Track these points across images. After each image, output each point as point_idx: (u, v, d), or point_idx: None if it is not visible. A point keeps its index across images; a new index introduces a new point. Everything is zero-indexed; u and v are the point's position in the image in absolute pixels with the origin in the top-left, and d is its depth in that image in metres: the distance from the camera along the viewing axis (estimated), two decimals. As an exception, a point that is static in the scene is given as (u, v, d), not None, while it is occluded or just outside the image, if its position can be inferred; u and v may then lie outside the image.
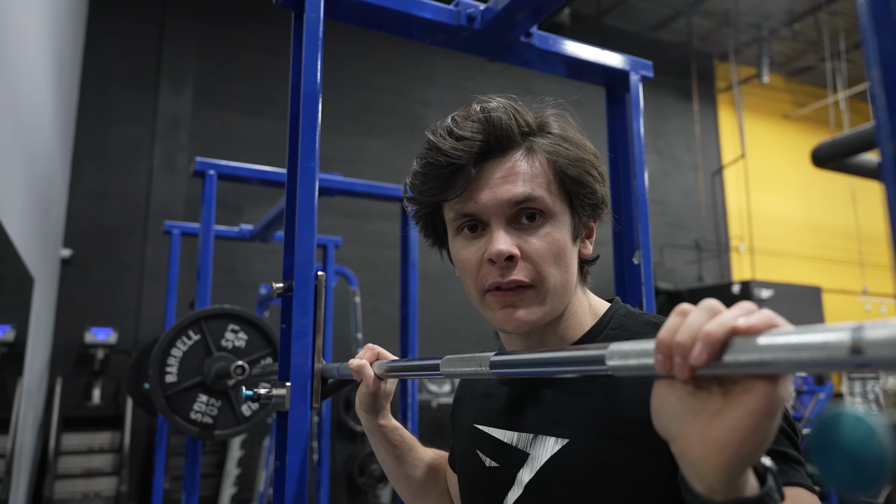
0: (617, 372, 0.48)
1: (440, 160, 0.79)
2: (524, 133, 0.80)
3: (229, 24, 7.12)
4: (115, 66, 6.52)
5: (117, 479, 5.58)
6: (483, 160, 0.79)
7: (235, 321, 2.08)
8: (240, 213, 6.36)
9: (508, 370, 0.62)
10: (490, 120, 0.78)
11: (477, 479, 0.89)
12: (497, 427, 0.87)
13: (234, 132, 6.88)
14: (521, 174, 0.78)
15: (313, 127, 1.13)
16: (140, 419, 5.80)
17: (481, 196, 0.78)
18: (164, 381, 1.98)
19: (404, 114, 7.87)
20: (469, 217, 0.79)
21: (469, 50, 1.41)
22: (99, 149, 6.33)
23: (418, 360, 0.81)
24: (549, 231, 0.78)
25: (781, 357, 0.37)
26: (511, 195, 0.77)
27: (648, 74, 1.52)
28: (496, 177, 0.78)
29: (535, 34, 1.38)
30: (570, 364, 0.54)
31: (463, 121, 0.80)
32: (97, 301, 6.08)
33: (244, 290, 6.20)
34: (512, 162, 0.79)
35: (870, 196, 11.18)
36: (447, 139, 0.79)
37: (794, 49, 10.09)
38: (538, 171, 0.78)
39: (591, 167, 0.82)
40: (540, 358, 0.57)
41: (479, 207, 0.78)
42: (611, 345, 0.49)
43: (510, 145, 0.79)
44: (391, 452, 1.07)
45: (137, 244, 6.32)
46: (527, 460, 0.80)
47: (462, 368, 0.68)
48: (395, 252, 7.23)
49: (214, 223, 2.51)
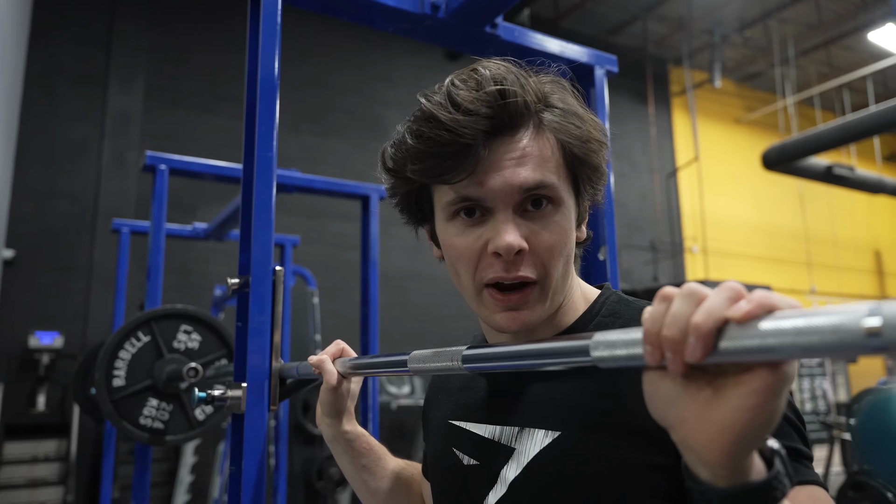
0: (602, 363, 0.45)
1: (442, 136, 0.67)
2: (533, 109, 0.71)
3: (183, 19, 6.94)
4: (62, 61, 6.27)
5: (63, 489, 5.36)
6: (491, 138, 0.69)
7: (188, 321, 2.00)
8: (193, 213, 6.19)
9: (483, 364, 0.58)
10: (504, 93, 0.68)
11: (453, 479, 0.81)
12: (476, 422, 0.81)
13: (188, 131, 6.70)
14: (532, 156, 0.69)
15: (271, 115, 1.08)
16: (87, 426, 5.59)
17: (489, 180, 0.68)
18: (111, 385, 1.89)
19: (363, 114, 7.80)
20: (469, 201, 0.70)
21: (433, 40, 1.38)
22: (44, 146, 6.09)
23: (384, 356, 0.76)
24: (557, 220, 0.70)
25: (787, 342, 0.34)
26: (523, 181, 0.68)
27: (613, 69, 1.51)
28: (505, 158, 0.68)
29: (501, 25, 1.35)
30: (551, 356, 0.50)
31: (469, 90, 0.69)
32: (42, 304, 5.84)
33: (198, 291, 6.03)
34: (522, 141, 0.69)
35: (817, 198, 11.54)
36: (451, 111, 0.67)
37: (745, 55, 10.34)
38: (549, 154, 0.70)
39: (599, 145, 0.74)
40: (517, 351, 0.54)
41: (486, 192, 0.69)
42: (595, 335, 0.46)
43: (521, 122, 0.70)
44: (356, 462, 0.97)
45: (85, 245, 6.10)
46: (512, 455, 0.74)
47: (432, 364, 0.64)
48: (354, 253, 7.14)
49: (166, 221, 2.41)
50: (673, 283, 9.85)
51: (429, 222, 0.80)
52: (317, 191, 2.63)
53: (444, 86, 0.71)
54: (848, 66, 10.25)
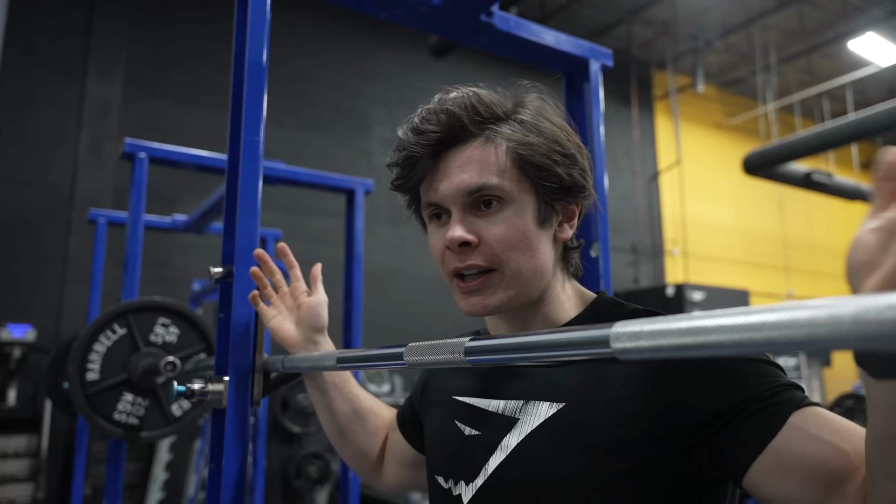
0: (624, 356, 0.42)
1: (403, 153, 0.83)
2: (482, 121, 0.81)
3: (165, 8, 6.81)
4: (40, 47, 6.13)
5: (33, 486, 5.24)
6: (442, 150, 0.81)
7: (166, 314, 1.94)
8: (172, 206, 6.08)
9: (489, 357, 0.55)
10: (445, 111, 0.81)
11: (452, 449, 0.87)
12: (481, 397, 0.87)
13: (168, 122, 6.58)
14: (475, 163, 0.79)
15: (259, 98, 1.03)
16: (59, 422, 5.46)
17: (440, 186, 0.81)
18: (84, 379, 1.83)
19: (348, 109, 7.72)
20: (433, 206, 0.83)
21: (426, 27, 1.34)
22: (19, 135, 5.94)
23: (378, 348, 0.73)
24: (508, 216, 0.79)
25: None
26: (465, 184, 0.79)
27: (608, 63, 1.49)
28: (452, 166, 0.80)
29: (497, 14, 1.32)
30: (565, 348, 0.46)
31: (426, 114, 0.83)
32: (14, 296, 5.70)
33: (176, 285, 5.93)
34: (469, 151, 0.80)
35: (796, 204, 11.68)
36: (409, 134, 0.82)
37: (728, 61, 10.42)
38: (493, 160, 0.79)
39: (555, 151, 0.81)
40: (526, 342, 0.50)
41: (439, 196, 0.81)
42: (616, 325, 0.42)
43: (466, 135, 0.81)
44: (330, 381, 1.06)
45: (60, 236, 5.96)
46: (515, 425, 0.79)
47: (431, 357, 0.61)
48: (334, 250, 7.07)
49: (145, 212, 2.35)
50: (653, 285, 9.92)
51: None
52: (301, 183, 2.58)
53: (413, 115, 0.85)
54: (828, 75, 10.38)
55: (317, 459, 5.79)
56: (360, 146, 7.71)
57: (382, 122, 7.90)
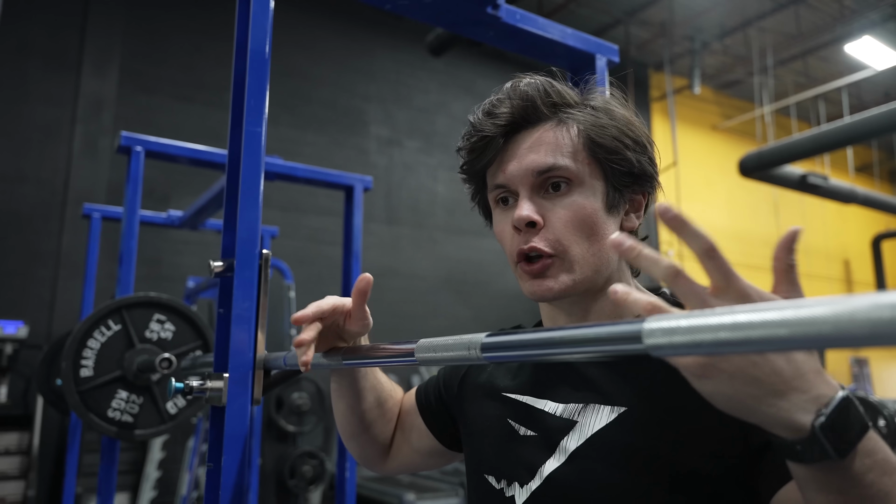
0: (657, 352, 0.40)
1: (474, 135, 0.82)
2: (553, 105, 0.81)
3: (160, 3, 6.77)
4: (34, 42, 6.07)
5: (24, 484, 5.18)
6: (512, 132, 0.81)
7: (161, 311, 1.91)
8: (166, 202, 6.04)
9: (506, 353, 0.52)
10: (518, 94, 0.81)
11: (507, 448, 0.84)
12: (536, 396, 0.84)
13: (163, 118, 6.53)
14: (546, 144, 0.79)
15: (261, 88, 1.01)
16: (51, 419, 5.42)
17: (509, 166, 0.80)
18: (78, 376, 1.80)
19: (343, 107, 7.69)
20: (501, 188, 0.82)
21: (431, 19, 1.32)
22: (13, 129, 5.89)
23: (386, 344, 0.70)
24: (576, 199, 0.78)
25: None
26: (535, 164, 0.78)
27: (615, 59, 1.47)
28: (523, 147, 0.80)
29: (503, 7, 1.29)
30: (590, 344, 0.44)
31: (496, 99, 0.83)
32: (7, 292, 5.64)
33: (170, 283, 5.88)
34: (539, 133, 0.80)
35: (791, 206, 11.71)
36: (481, 117, 0.83)
37: (724, 63, 10.44)
38: (565, 141, 0.79)
39: (626, 136, 0.81)
40: (548, 338, 0.47)
41: (507, 177, 0.80)
42: (647, 319, 0.40)
43: (538, 117, 0.81)
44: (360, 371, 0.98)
45: (53, 232, 5.91)
46: (573, 428, 0.77)
47: (444, 354, 0.58)
48: (330, 248, 7.07)
49: (140, 207, 2.31)
50: (648, 286, 9.91)
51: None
52: (299, 179, 2.55)
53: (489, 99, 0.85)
54: (824, 78, 10.41)
55: (311, 459, 5.75)
56: (356, 144, 7.67)
57: (378, 121, 7.87)
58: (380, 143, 7.84)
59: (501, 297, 7.93)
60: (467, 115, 0.86)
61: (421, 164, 8.08)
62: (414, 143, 8.10)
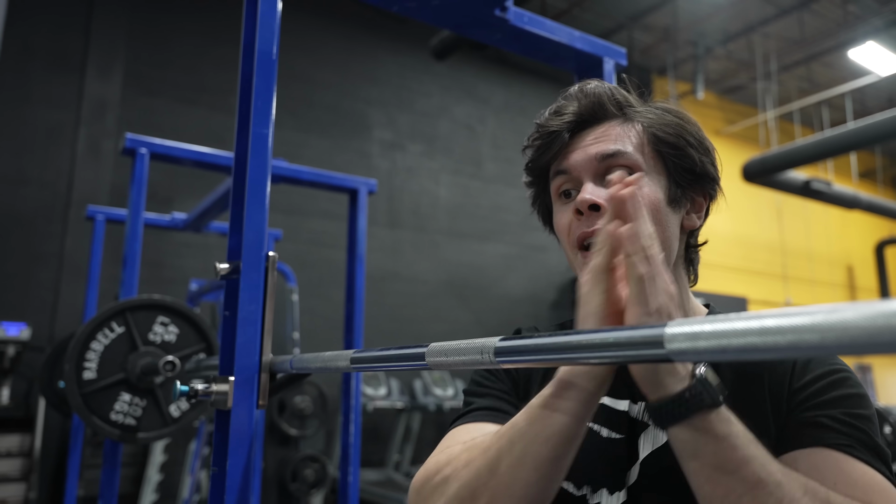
0: (680, 357, 0.39)
1: (541, 132, 0.84)
2: (618, 104, 0.84)
3: (164, 7, 6.78)
4: (38, 45, 6.09)
5: (26, 486, 5.17)
6: (579, 129, 0.83)
7: (165, 313, 1.91)
8: (169, 205, 6.04)
9: (521, 357, 0.51)
10: (585, 93, 0.84)
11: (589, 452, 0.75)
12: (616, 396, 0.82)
13: (166, 121, 6.54)
14: (611, 135, 0.81)
15: (269, 90, 1.00)
16: (53, 421, 5.41)
17: (573, 155, 0.82)
18: (81, 378, 1.79)
19: (346, 111, 7.69)
20: (563, 175, 0.83)
21: (439, 22, 1.31)
22: (16, 131, 5.90)
23: (397, 348, 0.69)
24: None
25: None
26: (599, 150, 0.80)
27: (622, 62, 1.46)
28: (588, 140, 0.82)
29: (511, 9, 1.29)
30: (610, 349, 0.43)
31: (562, 101, 0.86)
32: (9, 294, 5.64)
33: (172, 286, 5.88)
34: (605, 127, 0.83)
35: (794, 212, 11.69)
36: (548, 115, 0.85)
37: (728, 68, 10.43)
38: (630, 133, 0.82)
39: (690, 134, 0.83)
40: (567, 342, 0.46)
41: (570, 164, 0.82)
42: (669, 324, 0.39)
43: (605, 115, 0.83)
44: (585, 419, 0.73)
45: (56, 234, 5.91)
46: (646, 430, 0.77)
47: (456, 358, 0.57)
48: (333, 252, 7.06)
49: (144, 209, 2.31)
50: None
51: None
52: (304, 182, 2.55)
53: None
54: (827, 83, 10.40)
55: (313, 462, 5.74)
56: (359, 148, 7.68)
57: (381, 125, 7.88)
58: (382, 146, 7.84)
59: (503, 301, 7.91)
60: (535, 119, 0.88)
61: (423, 168, 8.08)
62: (416, 146, 8.10)
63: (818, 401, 0.70)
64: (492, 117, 8.83)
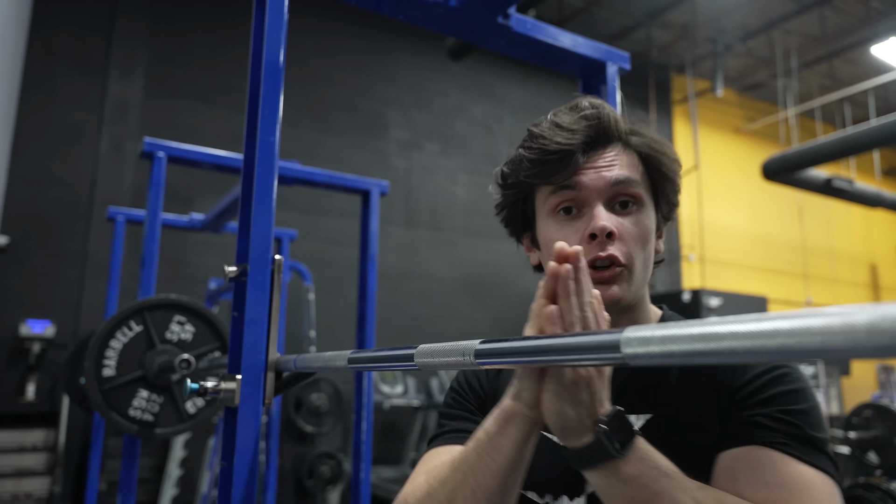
0: (635, 361, 0.42)
1: (551, 148, 0.83)
2: (620, 130, 0.87)
3: (184, 9, 6.88)
4: (62, 48, 6.22)
5: (50, 480, 5.30)
6: (588, 149, 0.85)
7: (182, 312, 1.96)
8: (190, 205, 6.14)
9: (499, 360, 0.54)
10: (598, 115, 0.85)
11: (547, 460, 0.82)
12: None
13: (187, 121, 6.64)
14: (620, 162, 0.85)
15: (275, 98, 1.04)
16: (77, 417, 5.53)
17: (586, 176, 0.83)
18: (101, 375, 1.85)
19: (364, 111, 7.75)
20: (570, 197, 0.84)
21: (443, 29, 1.34)
22: (42, 132, 6.03)
23: (388, 349, 0.73)
24: (641, 219, 0.84)
25: None
26: (614, 176, 0.83)
27: (626, 66, 1.48)
28: (599, 162, 0.84)
29: (514, 16, 1.31)
30: (575, 352, 0.46)
31: (570, 116, 0.86)
32: (34, 292, 5.78)
33: (192, 284, 5.98)
34: (612, 153, 0.85)
35: (816, 210, 11.54)
36: (556, 130, 0.84)
37: (748, 65, 10.33)
38: (635, 163, 0.86)
39: (672, 161, 0.89)
40: (537, 346, 0.50)
41: (583, 184, 0.83)
42: (626, 329, 0.42)
43: (610, 139, 0.86)
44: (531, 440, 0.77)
45: (80, 233, 6.04)
46: None
47: (440, 359, 0.61)
48: (349, 250, 7.12)
49: (162, 210, 2.37)
50: (670, 290, 9.85)
51: (530, 229, 0.93)
52: (317, 184, 2.59)
53: (549, 116, 0.88)
54: (850, 80, 10.26)
55: (329, 459, 5.81)
56: (376, 148, 7.73)
57: (398, 124, 7.92)
58: (399, 146, 7.89)
59: (518, 299, 7.92)
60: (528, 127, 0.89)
61: (440, 167, 8.11)
62: (433, 146, 8.14)
63: (756, 399, 0.75)
64: (509, 116, 8.83)
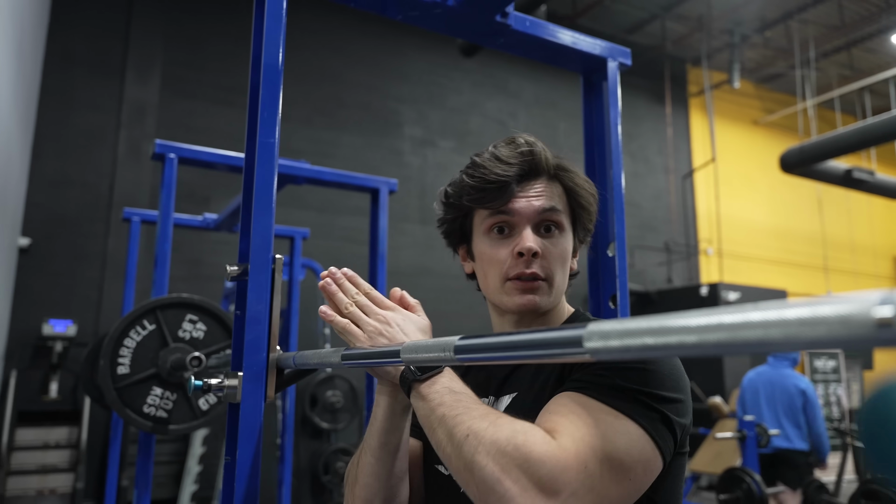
0: (597, 355, 0.43)
1: (490, 178, 0.99)
2: (549, 165, 1.03)
3: (199, 11, 6.96)
4: (80, 51, 6.32)
5: (74, 476, 5.41)
6: (521, 180, 1.01)
7: (194, 311, 1.99)
8: (207, 204, 6.21)
9: (475, 355, 0.56)
10: (532, 152, 1.01)
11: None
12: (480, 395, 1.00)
13: (203, 122, 6.72)
14: (547, 193, 1.01)
15: (274, 100, 1.06)
16: (99, 414, 5.64)
17: (518, 203, 1.00)
18: (115, 373, 1.89)
19: (377, 109, 7.78)
20: (503, 220, 1.01)
21: (442, 29, 1.35)
22: (61, 135, 6.14)
23: (380, 346, 0.74)
24: (561, 242, 1.01)
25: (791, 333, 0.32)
26: (542, 205, 1.00)
27: (626, 62, 1.48)
28: (530, 192, 1.01)
29: (512, 15, 1.32)
30: (544, 347, 0.48)
31: (508, 150, 1.02)
32: (56, 292, 5.89)
33: (210, 282, 6.05)
34: (542, 184, 1.02)
35: (835, 202, 11.39)
36: (496, 162, 1.01)
37: (765, 56, 10.22)
38: (559, 194, 1.03)
39: (591, 196, 1.06)
40: (510, 341, 0.52)
41: (515, 210, 0.99)
42: (588, 324, 0.43)
43: (541, 172, 1.02)
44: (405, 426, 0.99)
45: (99, 234, 6.14)
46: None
47: (424, 355, 0.63)
48: (364, 248, 7.12)
49: (175, 210, 2.41)
50: (687, 284, 9.79)
51: (466, 243, 1.09)
52: (326, 183, 2.61)
53: (489, 149, 1.04)
54: (870, 69, 10.11)
55: (345, 455, 5.85)
56: (390, 145, 7.76)
57: (412, 122, 7.94)
58: (413, 143, 7.91)
59: (536, 295, 7.91)
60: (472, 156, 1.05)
61: (455, 164, 8.06)
62: (447, 143, 8.15)
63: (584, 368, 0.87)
64: (523, 111, 8.82)
